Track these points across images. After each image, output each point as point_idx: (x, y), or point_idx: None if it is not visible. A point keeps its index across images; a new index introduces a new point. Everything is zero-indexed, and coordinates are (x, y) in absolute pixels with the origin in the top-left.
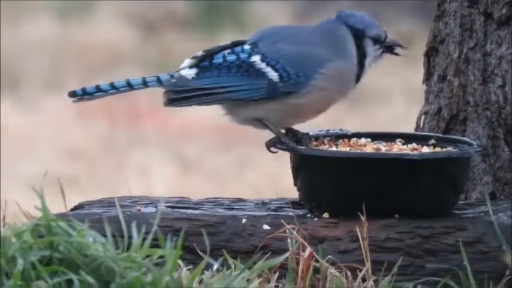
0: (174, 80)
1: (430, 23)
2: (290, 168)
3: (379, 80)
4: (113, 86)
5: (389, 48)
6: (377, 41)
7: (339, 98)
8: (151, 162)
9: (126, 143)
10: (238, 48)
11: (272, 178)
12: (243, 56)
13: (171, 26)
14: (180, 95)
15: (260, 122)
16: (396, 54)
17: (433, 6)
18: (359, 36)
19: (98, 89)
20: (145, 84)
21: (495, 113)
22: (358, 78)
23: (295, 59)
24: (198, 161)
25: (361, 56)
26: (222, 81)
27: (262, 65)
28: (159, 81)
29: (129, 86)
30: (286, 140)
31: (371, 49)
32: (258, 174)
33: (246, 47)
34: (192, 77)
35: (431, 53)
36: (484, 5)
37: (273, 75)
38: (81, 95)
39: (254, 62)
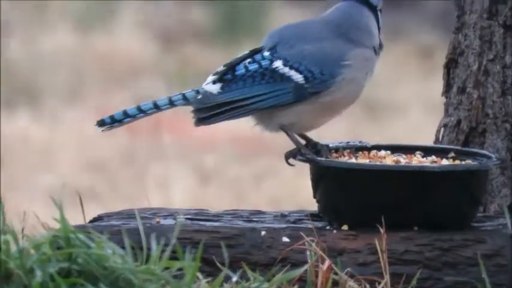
0: (200, 97)
1: (450, 35)
2: (310, 180)
3: (398, 92)
4: (140, 110)
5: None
6: (380, 11)
7: (367, 80)
8: (171, 174)
9: (146, 155)
10: (258, 56)
11: (291, 190)
12: (264, 63)
13: (191, 37)
14: (209, 112)
15: (284, 131)
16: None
17: (453, 18)
18: (375, 10)
19: (126, 114)
20: (172, 103)
21: None
22: (378, 52)
23: (317, 57)
24: (217, 173)
25: (379, 28)
26: (248, 91)
27: (286, 69)
28: (185, 99)
29: (156, 107)
30: (306, 151)
31: (381, 20)
32: (278, 186)
33: (266, 53)
34: (218, 92)
35: (450, 65)
36: (503, 17)
37: (298, 77)
38: (110, 123)
39: (277, 67)
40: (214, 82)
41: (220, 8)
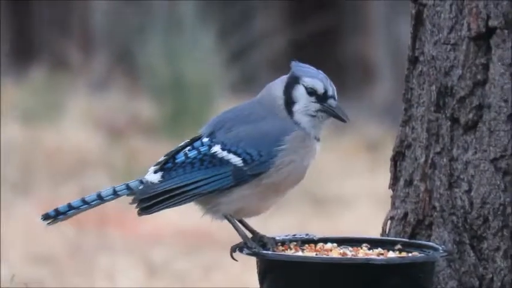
0: (141, 187)
1: (397, 128)
2: (257, 273)
3: (345, 185)
4: (84, 202)
5: (327, 110)
6: (312, 93)
7: (311, 161)
8: (118, 267)
9: (93, 248)
10: (197, 143)
11: (239, 282)
12: (203, 149)
13: (137, 131)
14: (150, 201)
15: (229, 221)
16: (337, 117)
17: (400, 111)
18: (291, 83)
19: (70, 207)
20: (116, 194)
21: (461, 218)
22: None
23: (254, 139)
24: (164, 265)
25: (288, 103)
26: (188, 177)
27: (224, 153)
28: (129, 189)
29: (100, 198)
30: (252, 244)
31: (302, 97)
32: (225, 278)
33: (205, 139)
34: (159, 180)
35: (398, 158)
36: (451, 110)
37: (237, 160)
38: (55, 216)
39: (215, 152)
40: (155, 172)
41: (167, 99)
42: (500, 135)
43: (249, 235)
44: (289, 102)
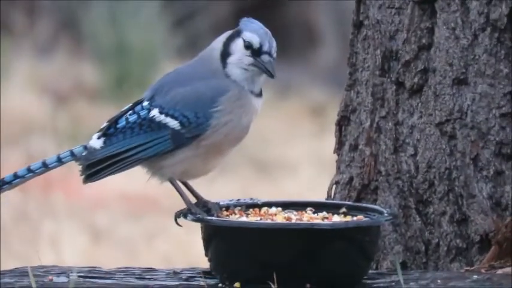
0: (85, 153)
1: (342, 92)
2: (201, 238)
3: (289, 149)
4: (29, 170)
5: (258, 63)
6: (248, 47)
7: (250, 119)
8: (62, 232)
9: (37, 213)
10: (138, 107)
11: (183, 247)
12: (143, 113)
13: (81, 96)
14: (93, 168)
15: (173, 185)
16: (266, 72)
17: (345, 75)
18: (232, 37)
19: (16, 176)
20: (60, 161)
21: (406, 183)
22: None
23: (189, 101)
24: (109, 231)
25: (224, 54)
26: (128, 143)
27: (162, 117)
28: (73, 155)
29: (45, 166)
30: (197, 210)
31: (238, 50)
32: (169, 244)
33: (145, 103)
34: (101, 146)
35: (343, 122)
36: (396, 74)
37: (174, 123)
38: (1, 185)
39: (153, 116)
40: (98, 137)
41: (111, 64)
42: (445, 99)
43: (194, 200)
44: (225, 54)
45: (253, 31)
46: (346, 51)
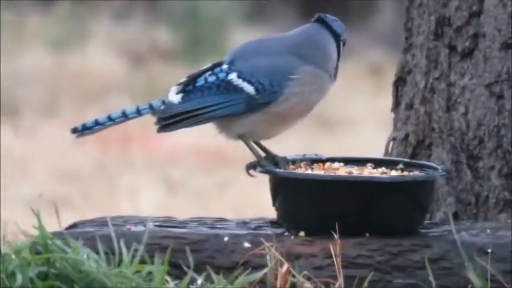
0: (163, 107)
1: (399, 54)
2: (269, 190)
3: (350, 107)
4: (110, 118)
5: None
6: (344, 44)
7: (318, 98)
8: (140, 184)
9: (116, 166)
10: (217, 69)
11: (252, 199)
12: (221, 75)
13: (156, 57)
14: (169, 120)
15: (243, 141)
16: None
17: (401, 39)
18: (337, 39)
19: (97, 122)
20: (139, 112)
21: (458, 139)
22: (335, 76)
23: (267, 70)
24: (183, 183)
25: (338, 56)
26: (204, 101)
27: (239, 81)
28: (151, 108)
29: (125, 116)
30: (265, 163)
31: (342, 50)
32: (239, 195)
33: (224, 66)
34: (179, 101)
35: (399, 83)
36: (448, 38)
37: (249, 88)
38: (82, 130)
39: (231, 79)
40: (177, 93)
41: (184, 28)
42: (494, 62)
43: (263, 154)
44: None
45: (345, 31)
46: (403, 17)
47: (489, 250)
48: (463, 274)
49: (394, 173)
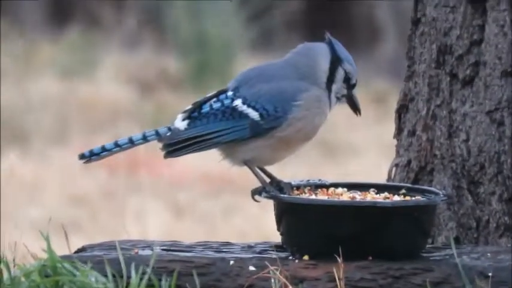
0: (169, 133)
1: (402, 82)
2: (274, 215)
3: (354, 134)
4: (116, 145)
5: (349, 98)
6: (346, 79)
7: (321, 121)
8: (147, 208)
9: (124, 190)
10: (222, 96)
11: (257, 223)
12: (226, 102)
13: (165, 85)
14: (176, 146)
15: (248, 167)
16: (354, 108)
17: (404, 67)
18: (335, 62)
19: (104, 149)
20: (145, 139)
21: (459, 165)
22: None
23: (272, 96)
24: (189, 207)
25: (330, 80)
26: (210, 127)
27: (244, 107)
28: (157, 135)
29: (131, 142)
30: (270, 188)
31: (339, 80)
32: (245, 220)
33: (229, 93)
34: (185, 128)
35: (402, 110)
36: (450, 66)
37: (254, 114)
38: (89, 156)
39: (236, 105)
40: (183, 119)
41: (192, 56)
42: (494, 89)
43: (267, 180)
44: (331, 80)
45: (351, 64)
46: (405, 45)
47: (490, 274)
48: None
49: (396, 198)
